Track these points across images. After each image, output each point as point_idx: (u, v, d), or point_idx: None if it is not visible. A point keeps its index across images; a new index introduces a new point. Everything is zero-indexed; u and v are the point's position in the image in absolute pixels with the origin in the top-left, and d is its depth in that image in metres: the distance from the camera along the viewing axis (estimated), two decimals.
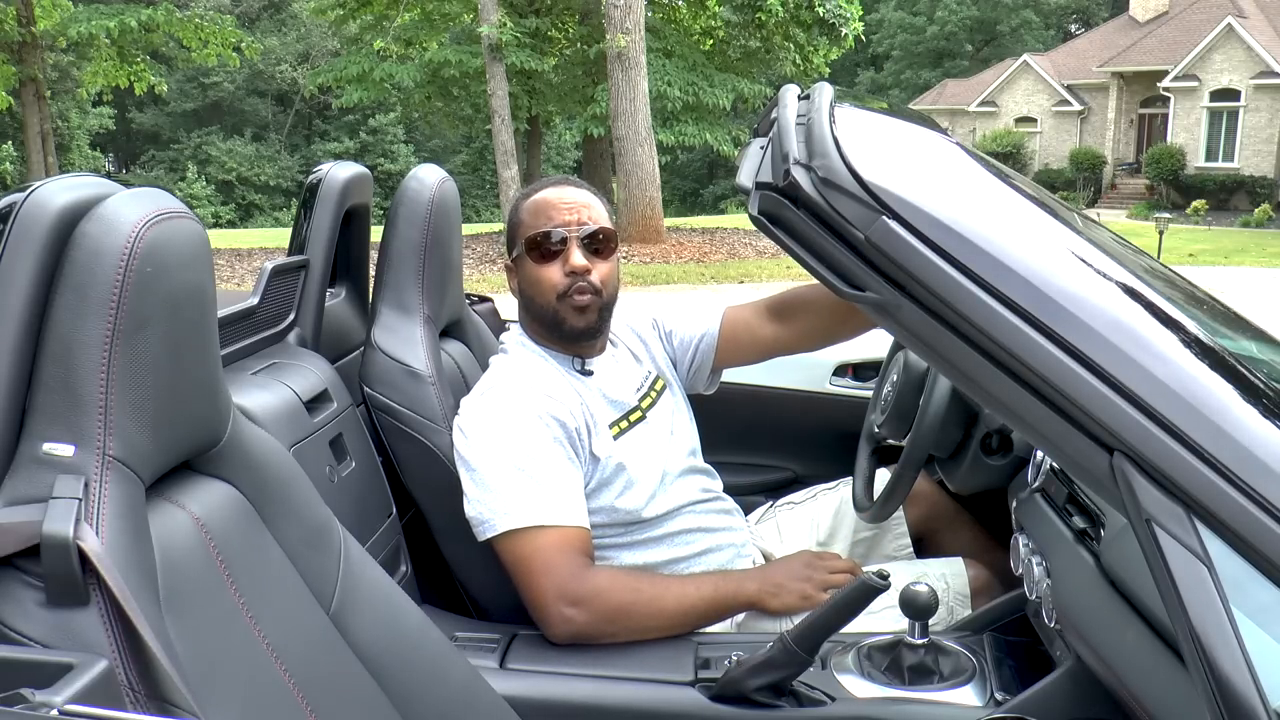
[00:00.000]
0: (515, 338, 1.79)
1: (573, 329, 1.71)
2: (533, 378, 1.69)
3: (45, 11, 17.85)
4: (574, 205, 1.72)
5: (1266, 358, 1.26)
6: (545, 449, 1.61)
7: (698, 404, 1.97)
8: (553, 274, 1.70)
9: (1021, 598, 1.54)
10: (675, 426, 1.85)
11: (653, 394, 1.83)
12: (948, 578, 1.76)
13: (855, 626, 1.40)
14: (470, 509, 1.61)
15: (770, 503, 2.15)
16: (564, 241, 1.69)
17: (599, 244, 1.71)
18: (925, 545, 2.03)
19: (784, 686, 1.38)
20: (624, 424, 1.74)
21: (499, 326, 2.36)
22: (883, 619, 1.60)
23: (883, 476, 1.96)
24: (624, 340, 1.89)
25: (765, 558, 1.92)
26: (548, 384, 1.68)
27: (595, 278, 1.70)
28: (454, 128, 23.43)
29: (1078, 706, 1.31)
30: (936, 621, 1.48)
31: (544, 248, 1.70)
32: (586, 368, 1.76)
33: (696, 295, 11.05)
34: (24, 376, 0.86)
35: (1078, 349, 0.87)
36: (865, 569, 1.44)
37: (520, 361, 1.74)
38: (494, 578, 1.70)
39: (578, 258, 1.68)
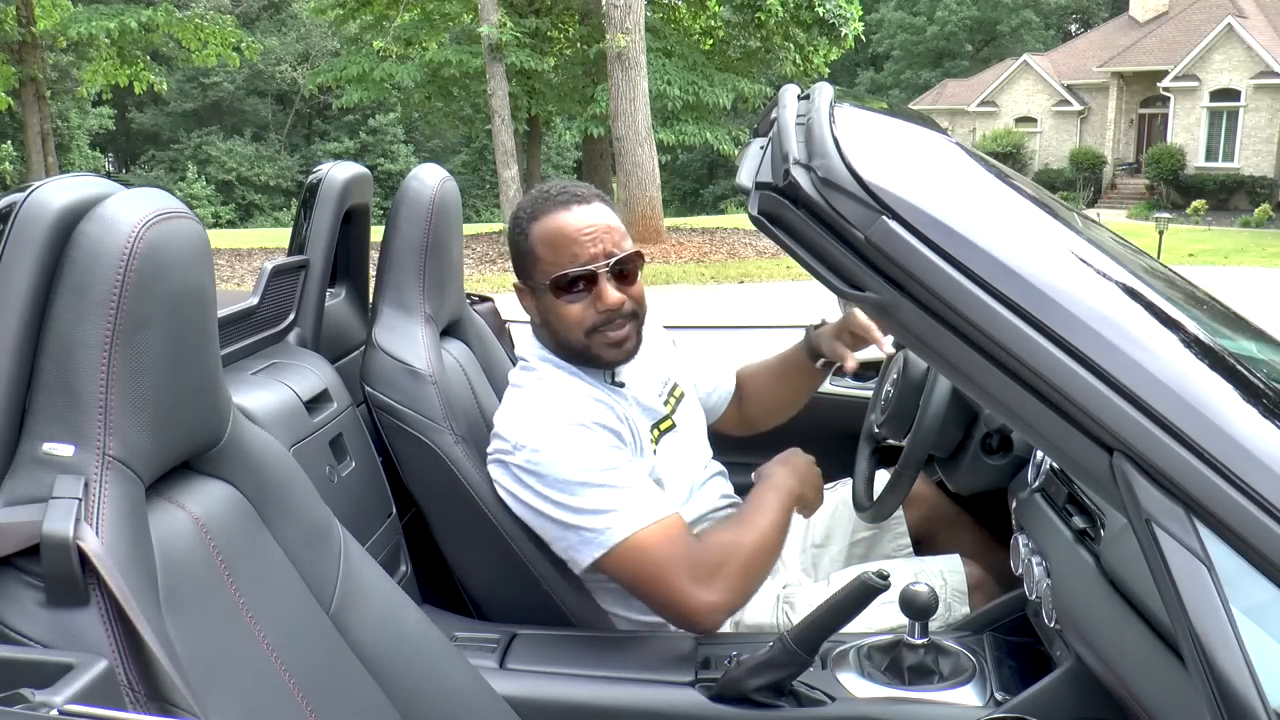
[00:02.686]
0: (536, 352, 1.70)
1: (610, 361, 1.65)
2: (573, 394, 1.62)
3: (45, 11, 17.84)
4: (595, 233, 1.58)
5: (1266, 358, 1.26)
6: (615, 455, 1.56)
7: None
8: (583, 312, 1.60)
9: (1021, 598, 1.54)
10: (698, 433, 1.86)
11: (673, 400, 1.83)
12: (945, 574, 1.76)
13: (855, 625, 1.40)
14: (563, 542, 1.56)
15: None
16: (593, 278, 1.59)
17: (627, 267, 1.61)
18: (924, 547, 2.03)
19: (784, 686, 1.38)
20: (657, 432, 1.74)
21: (499, 326, 2.36)
22: (882, 615, 1.60)
23: (883, 477, 1.96)
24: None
25: None
26: (590, 398, 1.63)
27: (629, 305, 1.61)
28: (454, 128, 23.44)
29: (1078, 706, 1.30)
30: (935, 618, 1.48)
31: (572, 289, 1.59)
32: (618, 379, 1.70)
33: (697, 295, 11.04)
34: (24, 376, 0.86)
35: (1077, 349, 0.87)
36: (865, 569, 1.44)
37: (553, 380, 1.65)
38: (494, 578, 1.70)
39: (612, 294, 1.58)
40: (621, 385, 1.71)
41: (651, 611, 1.60)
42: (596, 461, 1.54)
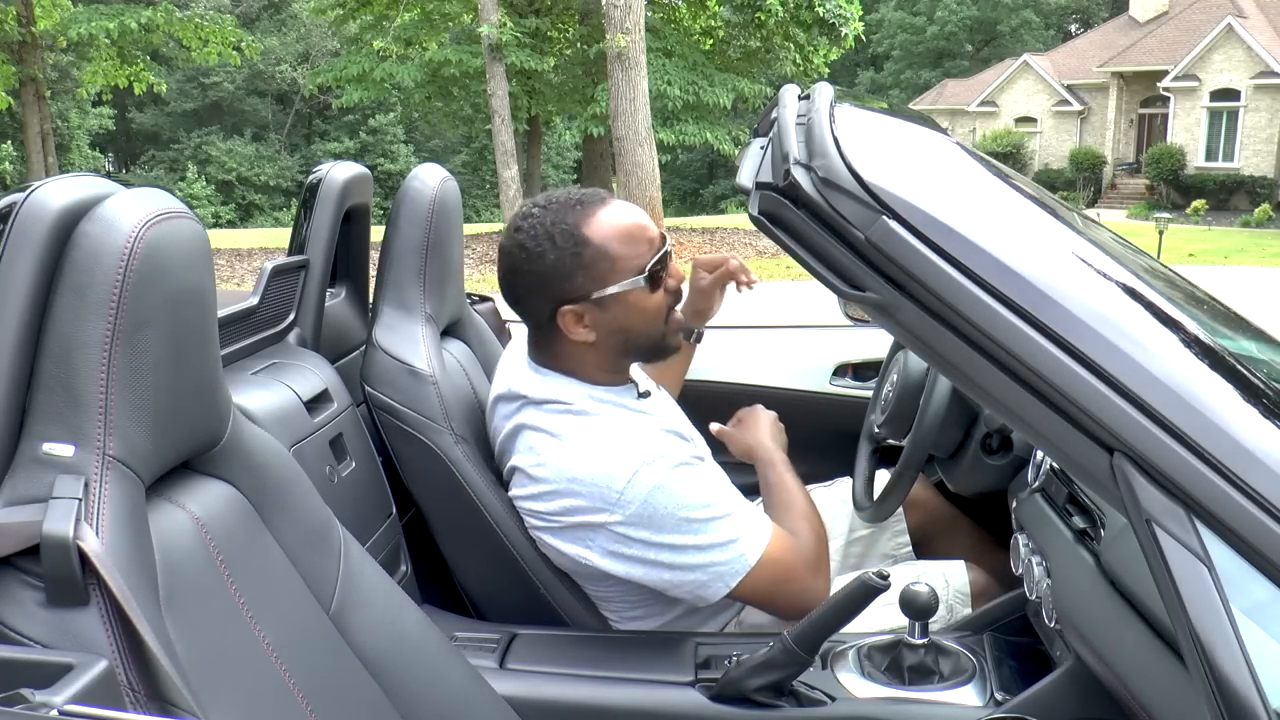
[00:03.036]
0: (570, 390, 1.58)
1: (675, 346, 1.63)
2: (641, 428, 1.56)
3: (45, 11, 17.83)
4: (646, 220, 1.57)
5: (1266, 358, 1.26)
6: (714, 480, 1.56)
7: (697, 404, 1.97)
8: (664, 299, 1.57)
9: (1021, 598, 1.54)
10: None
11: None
12: (948, 576, 1.76)
13: (855, 625, 1.40)
14: (689, 583, 1.52)
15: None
16: (667, 257, 1.56)
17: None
18: (923, 550, 2.03)
19: (784, 686, 1.38)
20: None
21: (499, 327, 2.36)
22: (883, 615, 1.60)
23: (883, 478, 1.96)
24: None
25: None
26: (657, 428, 1.59)
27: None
28: (454, 128, 23.43)
29: (1078, 706, 1.30)
30: (936, 620, 1.48)
31: (661, 274, 1.56)
32: (643, 390, 1.67)
33: None
34: (24, 376, 0.86)
35: (1077, 349, 0.87)
36: (864, 569, 1.44)
37: (611, 418, 1.56)
38: (493, 578, 1.70)
39: (678, 268, 1.60)
40: (648, 394, 1.67)
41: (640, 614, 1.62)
42: (706, 495, 1.51)
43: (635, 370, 1.71)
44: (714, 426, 1.81)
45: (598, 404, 1.58)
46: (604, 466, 1.50)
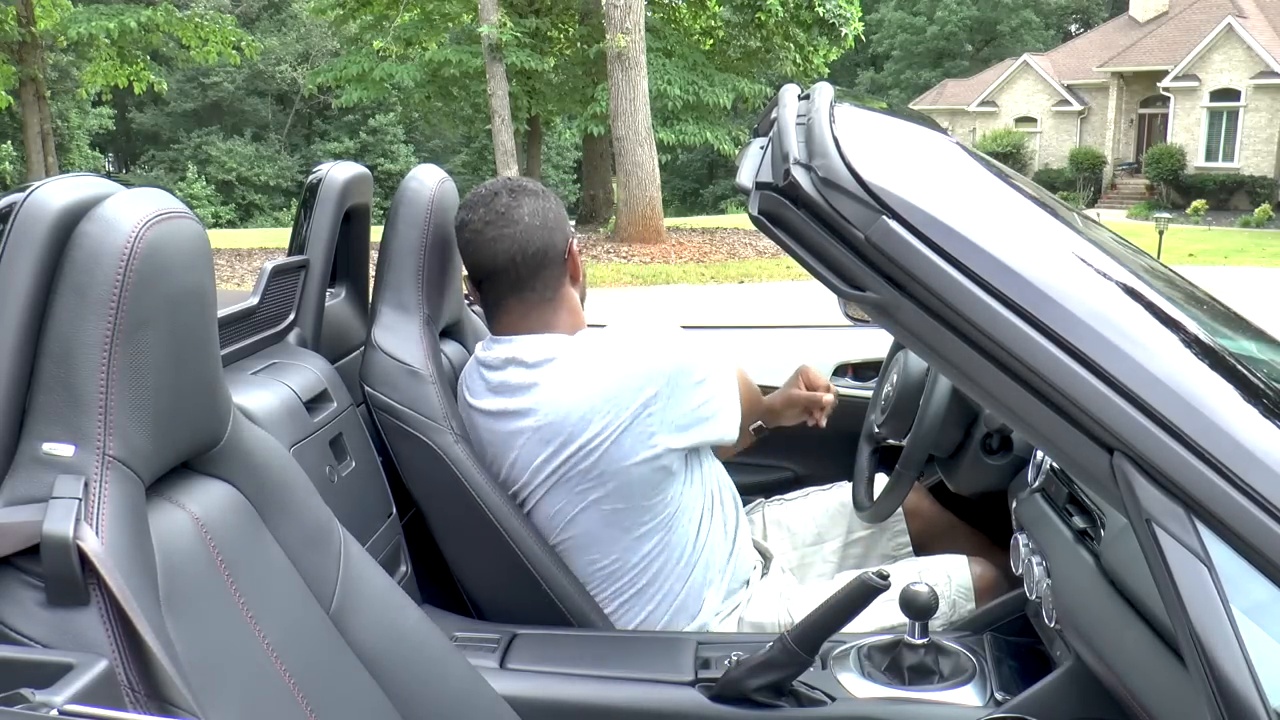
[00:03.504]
0: (557, 340, 1.69)
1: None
2: (628, 329, 1.71)
3: (45, 11, 17.84)
4: None
5: (1266, 358, 1.26)
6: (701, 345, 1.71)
7: None
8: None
9: (1022, 598, 1.54)
10: None
11: None
12: (950, 572, 1.76)
13: (855, 625, 1.40)
14: (722, 427, 1.68)
15: (762, 501, 2.15)
16: None
17: None
18: (923, 554, 2.03)
19: (784, 686, 1.38)
20: None
21: None
22: (884, 613, 1.60)
23: (883, 479, 1.96)
24: None
25: (759, 551, 1.91)
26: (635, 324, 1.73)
27: None
28: (454, 128, 23.45)
29: (1078, 706, 1.31)
30: (939, 616, 1.48)
31: None
32: None
33: (697, 295, 11.04)
34: (24, 376, 0.86)
35: (1077, 348, 0.87)
36: (864, 569, 1.44)
37: (606, 332, 1.72)
38: (494, 578, 1.70)
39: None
40: None
41: (652, 615, 1.62)
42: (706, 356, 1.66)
43: None
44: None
45: (591, 337, 1.70)
46: (632, 363, 1.61)
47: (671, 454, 1.61)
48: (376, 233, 2.04)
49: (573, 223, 1.69)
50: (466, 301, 2.16)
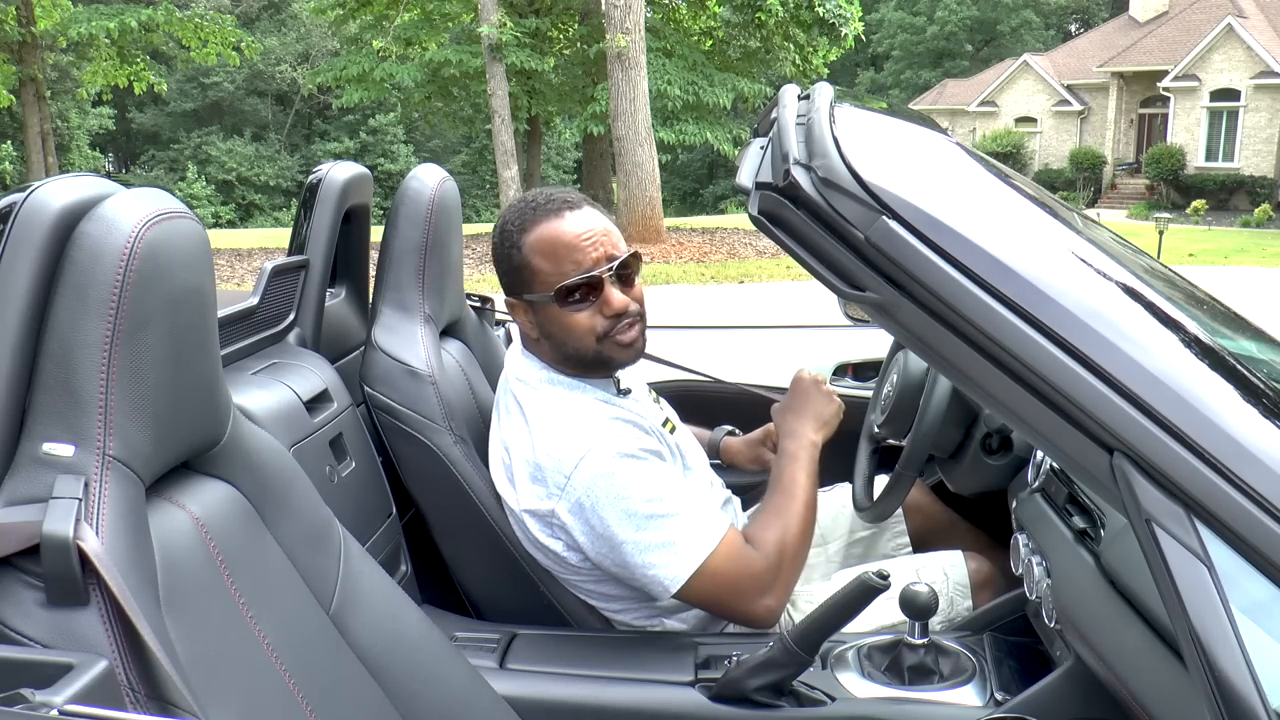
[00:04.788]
0: (536, 374, 1.63)
1: (622, 363, 1.62)
2: (598, 416, 1.56)
3: (45, 11, 17.85)
4: (594, 237, 1.55)
5: (1266, 358, 1.26)
6: (666, 478, 1.54)
7: (697, 405, 1.97)
8: (591, 319, 1.56)
9: (1021, 598, 1.54)
10: (686, 430, 1.86)
11: (658, 403, 1.84)
12: (947, 569, 1.76)
13: (855, 625, 1.40)
14: (636, 579, 1.53)
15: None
16: (598, 284, 1.55)
17: (628, 269, 1.58)
18: (923, 552, 2.03)
19: (784, 686, 1.38)
20: (667, 427, 1.74)
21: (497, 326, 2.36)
22: (883, 612, 1.60)
23: (883, 480, 1.96)
24: None
25: None
26: (614, 419, 1.58)
27: (634, 306, 1.58)
28: (454, 128, 23.43)
29: (1078, 706, 1.31)
30: (937, 614, 1.48)
31: (578, 297, 1.55)
32: (624, 387, 1.69)
33: (697, 295, 11.03)
34: (24, 376, 0.86)
35: (1077, 348, 0.87)
36: (864, 568, 1.44)
37: (570, 404, 1.58)
38: (493, 578, 1.70)
39: (618, 297, 1.55)
40: (629, 392, 1.70)
41: (640, 614, 1.64)
42: (652, 489, 1.50)
43: (634, 377, 1.74)
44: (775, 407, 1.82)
45: (561, 390, 1.61)
46: (555, 448, 1.53)
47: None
48: (376, 233, 2.04)
49: None
50: (469, 301, 2.16)
